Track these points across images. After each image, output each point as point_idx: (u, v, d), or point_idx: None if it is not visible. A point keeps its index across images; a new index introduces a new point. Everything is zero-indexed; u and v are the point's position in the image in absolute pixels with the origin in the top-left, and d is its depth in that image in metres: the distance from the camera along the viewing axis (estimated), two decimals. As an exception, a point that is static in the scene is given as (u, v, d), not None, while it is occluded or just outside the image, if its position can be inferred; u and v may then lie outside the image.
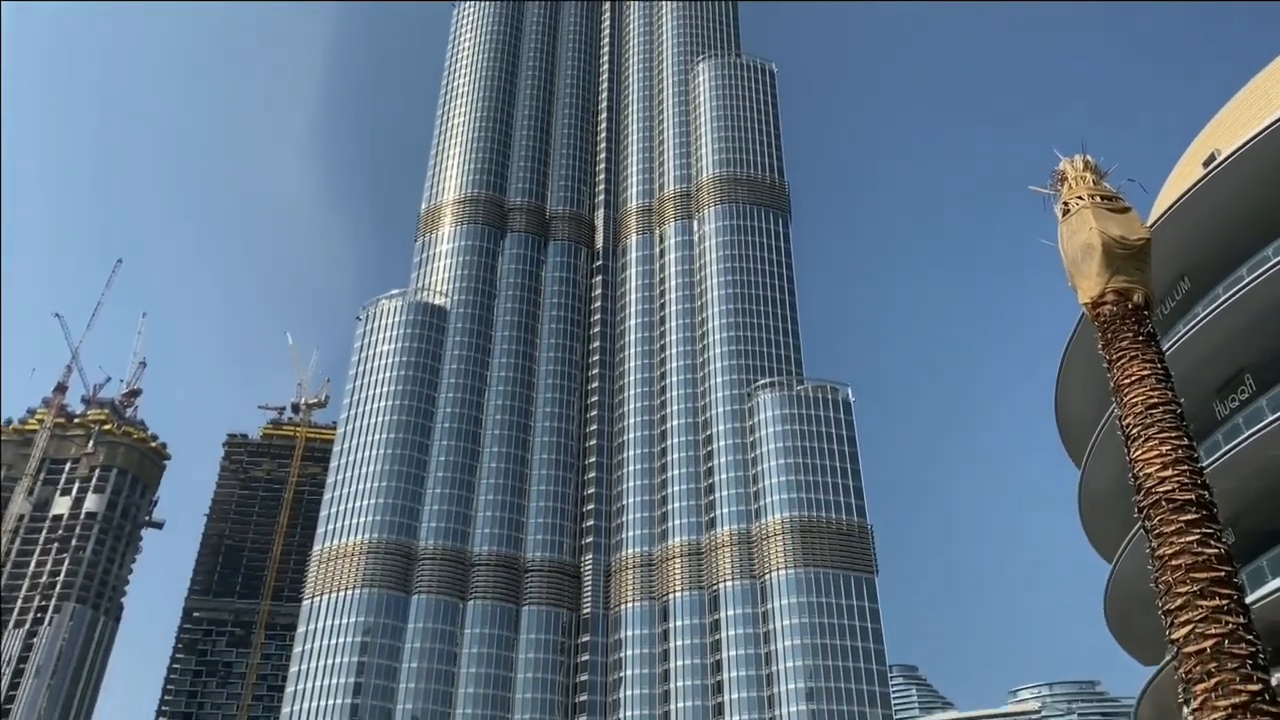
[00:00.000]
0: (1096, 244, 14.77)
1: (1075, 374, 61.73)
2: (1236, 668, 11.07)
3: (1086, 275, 14.99)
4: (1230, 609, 11.44)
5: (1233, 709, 10.86)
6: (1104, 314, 14.36)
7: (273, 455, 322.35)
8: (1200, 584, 11.66)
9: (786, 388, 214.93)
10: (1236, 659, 11.12)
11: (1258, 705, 10.84)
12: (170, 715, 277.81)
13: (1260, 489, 46.94)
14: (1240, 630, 11.30)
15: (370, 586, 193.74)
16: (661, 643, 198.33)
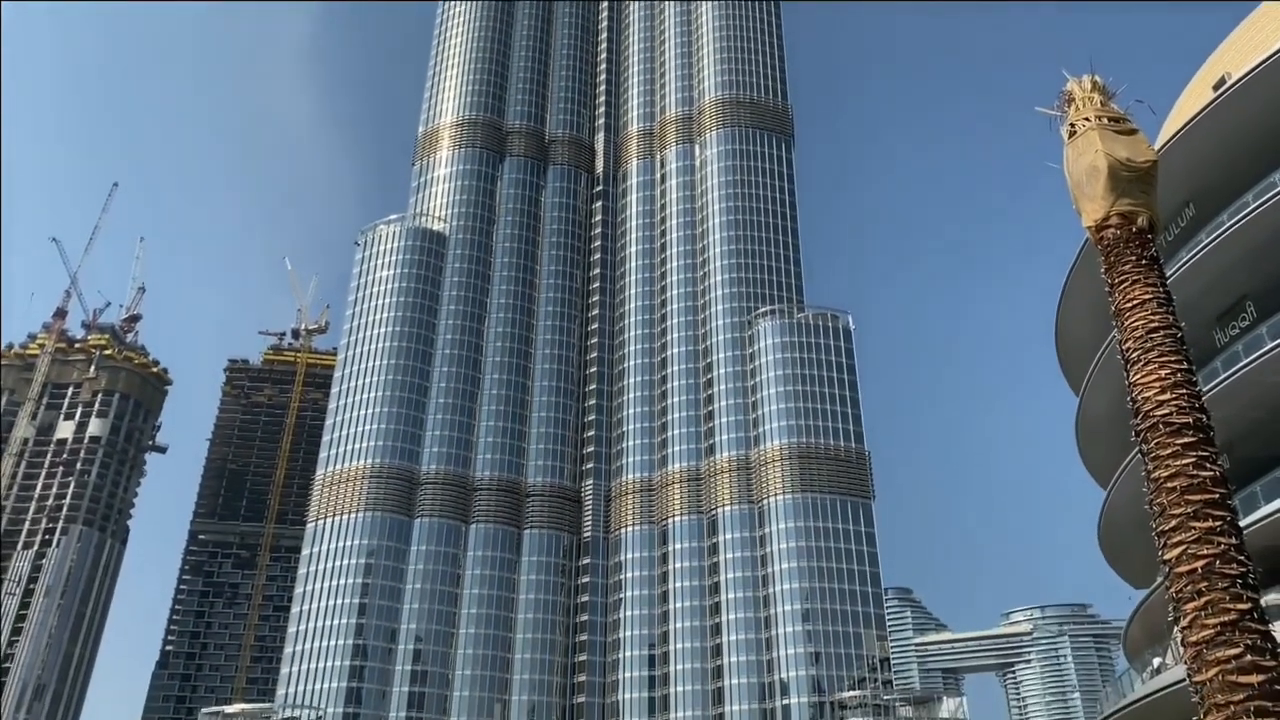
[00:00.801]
0: (1102, 166, 14.55)
1: (1076, 301, 61.56)
2: (1227, 587, 11.21)
3: (1091, 198, 14.79)
4: (1223, 530, 11.55)
5: (1221, 626, 11.03)
6: (1108, 238, 14.21)
7: (274, 381, 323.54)
8: (1194, 506, 11.75)
9: (787, 315, 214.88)
10: (1227, 579, 11.26)
11: (1246, 623, 11.00)
12: (179, 635, 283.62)
13: (1257, 416, 47.16)
14: (1232, 551, 11.42)
15: (373, 510, 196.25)
16: (660, 565, 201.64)
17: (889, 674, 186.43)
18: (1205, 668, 11.14)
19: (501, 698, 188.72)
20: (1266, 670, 10.83)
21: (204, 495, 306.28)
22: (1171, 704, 45.93)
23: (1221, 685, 10.91)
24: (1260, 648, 10.95)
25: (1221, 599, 11.19)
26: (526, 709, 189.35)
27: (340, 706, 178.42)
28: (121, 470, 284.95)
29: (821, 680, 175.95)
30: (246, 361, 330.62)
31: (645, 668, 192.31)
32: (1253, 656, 10.87)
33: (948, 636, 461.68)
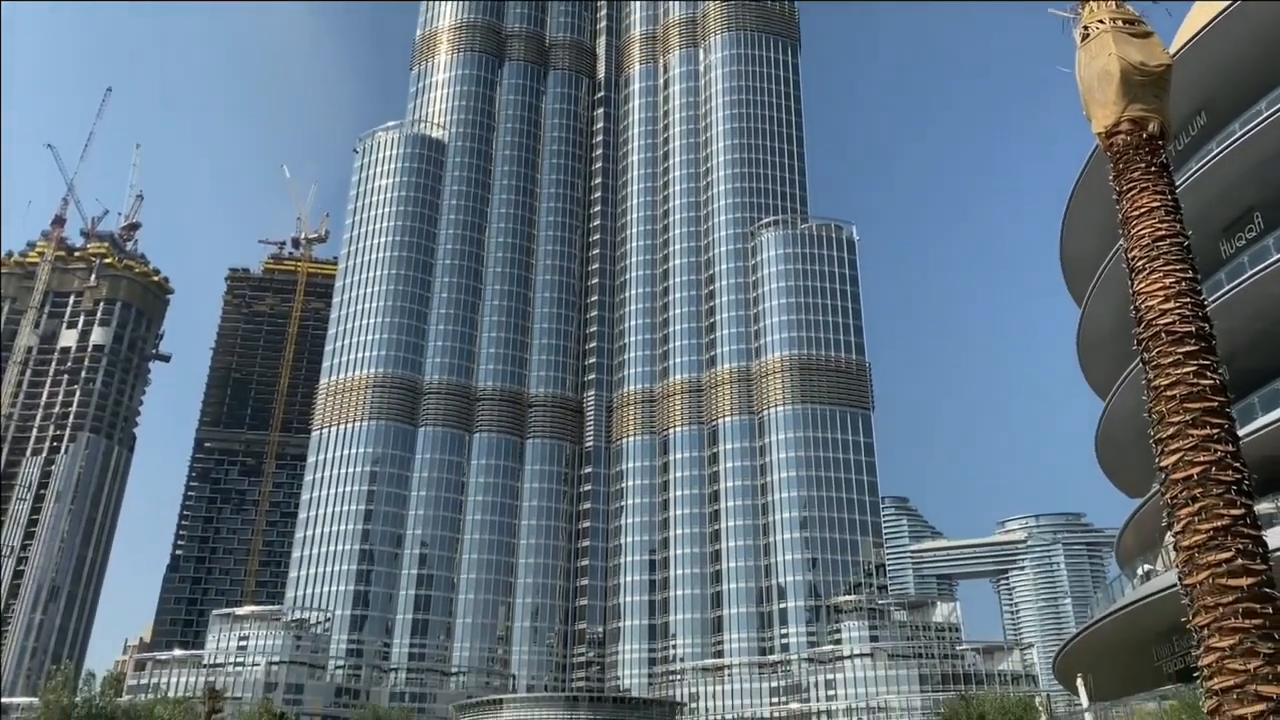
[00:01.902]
0: (1114, 70, 14.22)
1: (1082, 212, 61.00)
2: (1221, 493, 11.34)
3: (1102, 104, 14.49)
4: (1220, 438, 11.63)
5: (1214, 531, 11.19)
6: (1117, 144, 13.97)
7: (275, 290, 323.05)
8: (1193, 413, 11.81)
9: (790, 226, 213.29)
10: (1222, 485, 11.37)
11: (1238, 528, 11.16)
12: (188, 540, 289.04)
13: (1259, 329, 47.10)
14: (1228, 458, 11.51)
15: (377, 419, 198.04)
16: (661, 475, 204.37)
17: (884, 580, 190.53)
18: (1196, 571, 11.34)
19: (505, 600, 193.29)
20: (1256, 574, 11.03)
21: (209, 404, 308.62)
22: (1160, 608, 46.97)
23: (1212, 588, 11.12)
24: (1251, 552, 11.14)
25: (1215, 505, 11.32)
26: (530, 611, 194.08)
27: (348, 609, 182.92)
28: (126, 378, 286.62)
29: (818, 585, 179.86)
30: (247, 271, 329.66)
31: (646, 572, 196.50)
32: (1243, 560, 11.06)
33: (943, 544, 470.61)
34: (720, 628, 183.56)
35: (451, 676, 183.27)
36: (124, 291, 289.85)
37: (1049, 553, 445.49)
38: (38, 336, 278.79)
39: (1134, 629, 53.58)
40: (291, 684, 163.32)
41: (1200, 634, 11.21)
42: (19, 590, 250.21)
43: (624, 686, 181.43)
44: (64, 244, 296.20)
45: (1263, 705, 10.55)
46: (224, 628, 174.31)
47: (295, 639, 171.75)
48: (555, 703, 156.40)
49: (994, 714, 24.42)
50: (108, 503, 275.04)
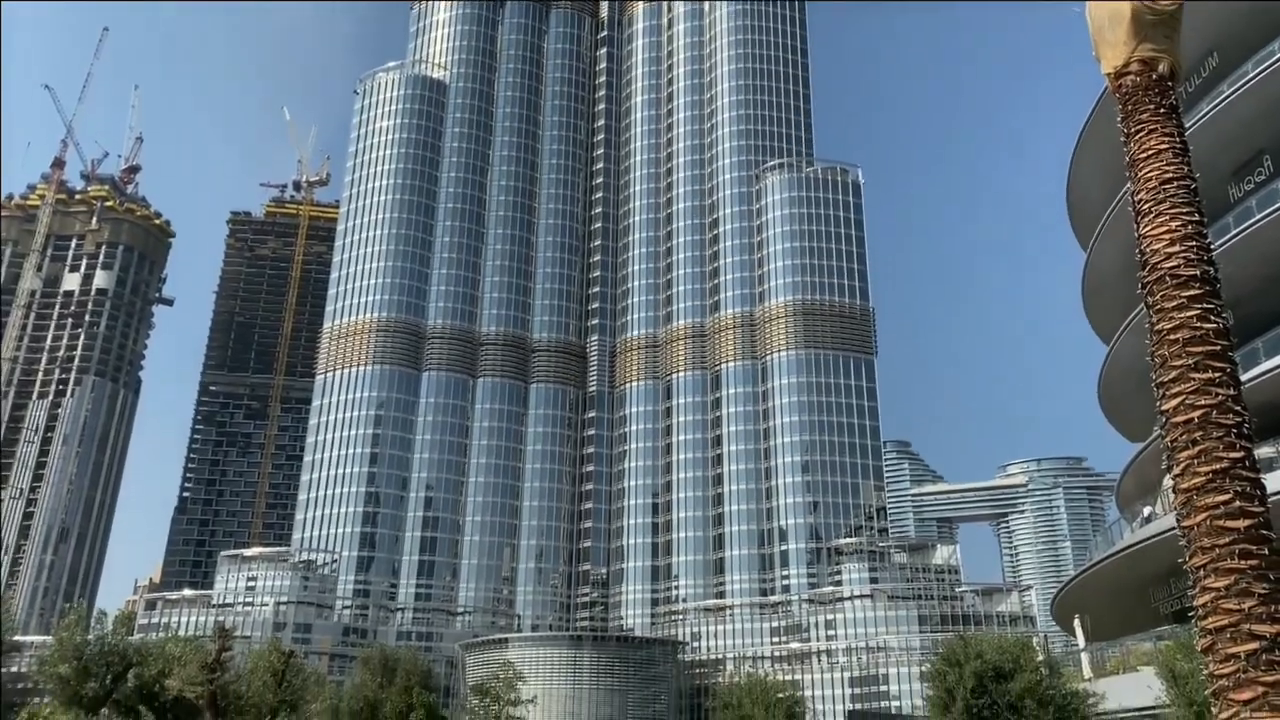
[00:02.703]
0: (1125, 9, 13.97)
1: (1090, 156, 60.44)
2: (1221, 436, 11.38)
3: (1112, 44, 14.26)
4: (1222, 382, 11.64)
5: (1213, 474, 11.25)
6: (1126, 85, 13.77)
7: (277, 233, 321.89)
8: (1195, 357, 11.81)
9: (795, 169, 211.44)
10: (1222, 428, 11.41)
11: (1237, 471, 11.22)
12: (195, 482, 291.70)
13: (1265, 273, 46.87)
14: (1229, 402, 11.54)
15: (381, 363, 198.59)
16: (664, 419, 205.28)
17: (885, 523, 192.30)
18: (1194, 513, 11.44)
19: (510, 542, 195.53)
20: (1253, 515, 11.12)
21: (213, 348, 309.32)
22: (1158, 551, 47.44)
23: (1209, 529, 11.21)
24: (1249, 494, 11.21)
25: (1215, 448, 11.37)
26: (534, 553, 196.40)
27: (355, 550, 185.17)
28: (129, 322, 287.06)
29: (819, 528, 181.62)
30: (249, 214, 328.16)
31: (648, 515, 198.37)
32: (1241, 502, 11.14)
33: (944, 488, 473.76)
34: (722, 569, 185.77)
35: (457, 616, 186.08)
36: (126, 235, 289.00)
37: (1049, 497, 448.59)
38: (41, 280, 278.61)
39: (1132, 571, 54.18)
40: (300, 623, 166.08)
41: (1196, 575, 11.33)
42: (29, 531, 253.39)
43: (627, 626, 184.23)
44: (64, 187, 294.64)
45: (1256, 644, 10.70)
46: (232, 568, 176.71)
47: (303, 580, 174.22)
48: (560, 641, 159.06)
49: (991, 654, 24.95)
50: (114, 446, 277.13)
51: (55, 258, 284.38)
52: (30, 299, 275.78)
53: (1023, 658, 27.20)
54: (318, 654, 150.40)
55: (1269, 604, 10.76)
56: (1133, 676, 40.83)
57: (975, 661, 26.87)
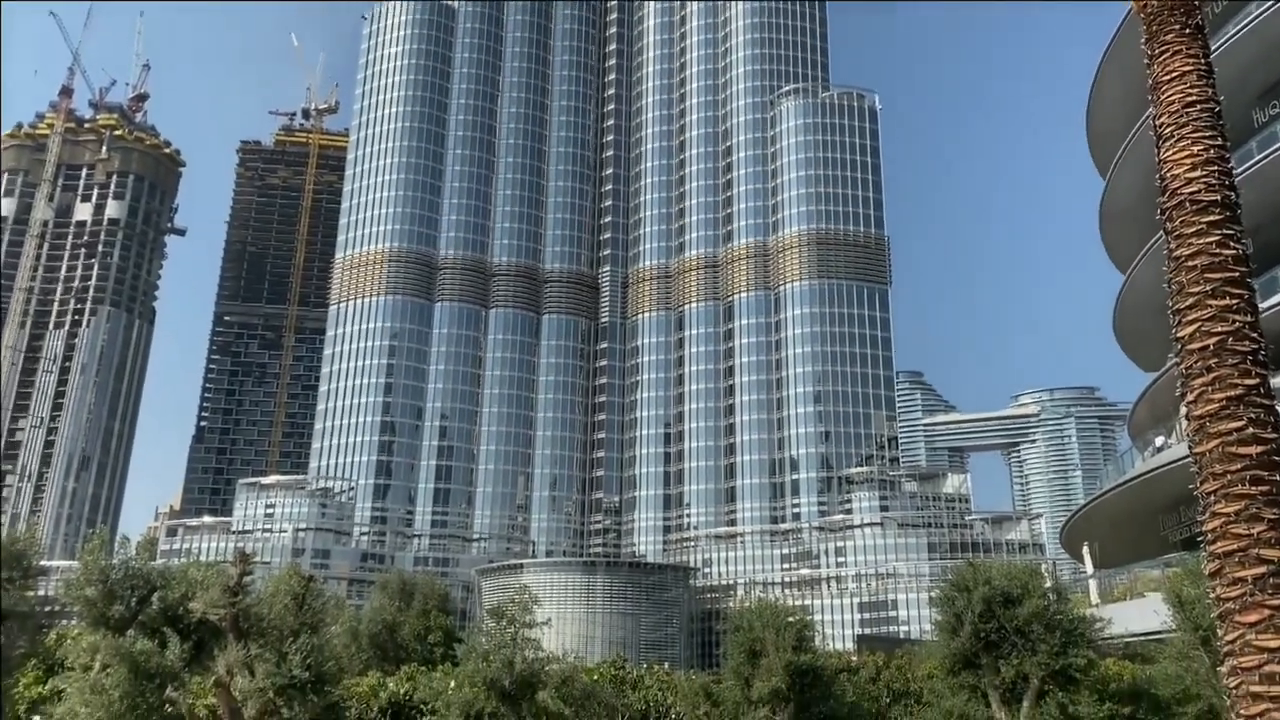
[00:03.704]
0: (1154, -74, 13.56)
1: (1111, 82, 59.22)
2: (1236, 363, 11.33)
3: (1138, -38, 13.87)
4: (1239, 308, 11.54)
5: (1227, 401, 11.23)
6: (1151, 4, 13.42)
7: (287, 162, 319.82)
8: (1213, 284, 11.70)
9: (811, 95, 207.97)
10: (1238, 355, 11.35)
11: (1251, 398, 11.19)
12: (212, 412, 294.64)
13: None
14: (1245, 328, 11.45)
15: (394, 293, 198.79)
16: (677, 350, 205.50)
17: (896, 452, 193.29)
18: (1207, 440, 11.44)
19: (524, 471, 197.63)
20: (1266, 442, 11.12)
21: (226, 278, 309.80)
22: (1169, 480, 47.64)
23: (1221, 456, 11.23)
24: (1263, 421, 11.19)
25: (1230, 374, 11.33)
26: (548, 481, 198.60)
27: (371, 478, 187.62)
28: (142, 252, 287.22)
29: (830, 457, 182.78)
30: (258, 143, 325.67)
31: (661, 445, 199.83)
32: (1254, 429, 11.13)
33: (955, 418, 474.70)
34: (733, 497, 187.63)
35: (473, 543, 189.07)
36: (136, 164, 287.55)
37: (1061, 427, 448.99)
38: (53, 210, 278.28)
39: (1142, 500, 54.50)
40: (318, 549, 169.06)
41: (1207, 501, 11.38)
42: (51, 459, 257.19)
43: (639, 553, 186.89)
44: (72, 115, 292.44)
45: (1264, 568, 10.80)
46: (251, 496, 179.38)
47: (321, 507, 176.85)
48: (573, 567, 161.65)
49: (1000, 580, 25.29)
50: (131, 375, 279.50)
51: (66, 187, 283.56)
52: (43, 229, 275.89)
53: (1031, 584, 27.50)
54: (336, 579, 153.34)
55: (1278, 529, 10.84)
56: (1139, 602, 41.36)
57: (984, 587, 27.18)
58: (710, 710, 26.99)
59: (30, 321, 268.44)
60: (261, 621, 23.95)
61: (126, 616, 24.52)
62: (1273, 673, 10.45)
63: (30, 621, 27.70)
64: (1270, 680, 10.45)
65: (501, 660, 23.41)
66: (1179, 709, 26.68)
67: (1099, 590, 51.98)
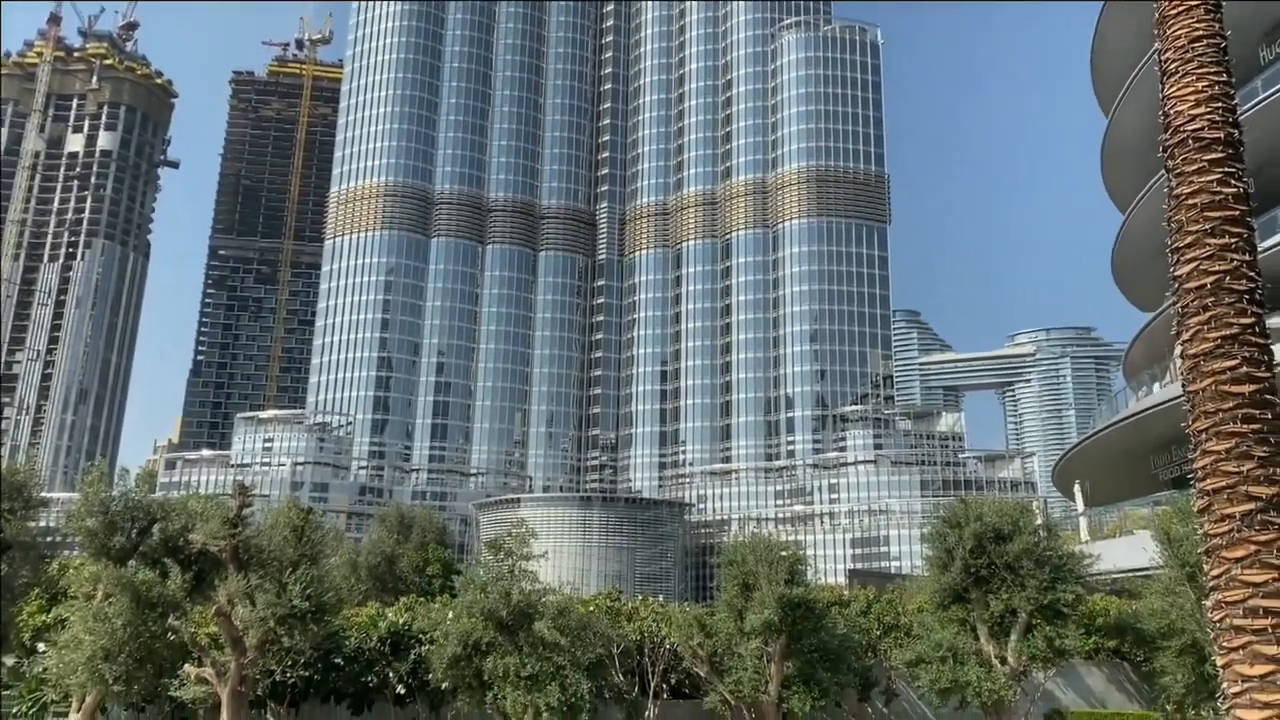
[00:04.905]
0: None
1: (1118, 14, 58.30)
2: (1233, 302, 11.34)
3: (1149, -109, 13.58)
4: (1238, 247, 11.53)
5: (1222, 340, 11.26)
6: (1161, -64, 13.17)
7: (281, 94, 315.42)
8: (1212, 222, 11.67)
9: (813, 28, 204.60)
10: (1234, 294, 11.36)
11: (1246, 336, 11.23)
12: (209, 346, 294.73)
13: (1291, 141, 45.77)
14: (1243, 268, 11.45)
15: (390, 228, 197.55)
16: (674, 288, 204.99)
17: (891, 391, 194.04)
18: (1201, 378, 11.50)
19: (521, 407, 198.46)
20: (1259, 381, 11.19)
21: (220, 211, 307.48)
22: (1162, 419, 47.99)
23: (1214, 394, 11.30)
24: (1257, 360, 11.24)
25: (1226, 313, 11.35)
26: (545, 417, 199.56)
27: (369, 413, 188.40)
28: (136, 185, 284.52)
29: (826, 396, 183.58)
30: (251, 74, 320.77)
31: (657, 382, 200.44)
32: (1248, 368, 11.19)
33: (951, 357, 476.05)
34: (729, 435, 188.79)
35: (471, 477, 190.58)
36: (127, 95, 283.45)
37: (1056, 366, 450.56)
38: (44, 141, 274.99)
39: (1134, 439, 54.95)
40: (317, 483, 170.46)
41: (1198, 438, 11.49)
42: (49, 392, 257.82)
43: (635, 489, 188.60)
44: (62, 44, 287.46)
45: (1252, 504, 10.95)
46: (249, 430, 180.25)
47: (319, 441, 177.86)
48: (570, 502, 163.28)
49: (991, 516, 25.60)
50: (127, 308, 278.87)
51: (57, 118, 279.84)
52: (34, 160, 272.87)
53: (1021, 520, 27.86)
54: (335, 512, 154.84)
55: (1267, 466, 10.96)
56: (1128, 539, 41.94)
57: (975, 523, 27.54)
58: (704, 641, 27.47)
59: (24, 254, 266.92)
60: (261, 553, 24.25)
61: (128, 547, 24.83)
62: (1257, 606, 10.66)
63: (33, 552, 28.03)
64: (1254, 614, 10.66)
65: (499, 592, 23.76)
66: (1163, 643, 27.20)
67: (1089, 527, 52.66)
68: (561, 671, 23.03)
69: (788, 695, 26.30)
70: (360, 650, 27.02)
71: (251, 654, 23.80)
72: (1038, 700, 29.83)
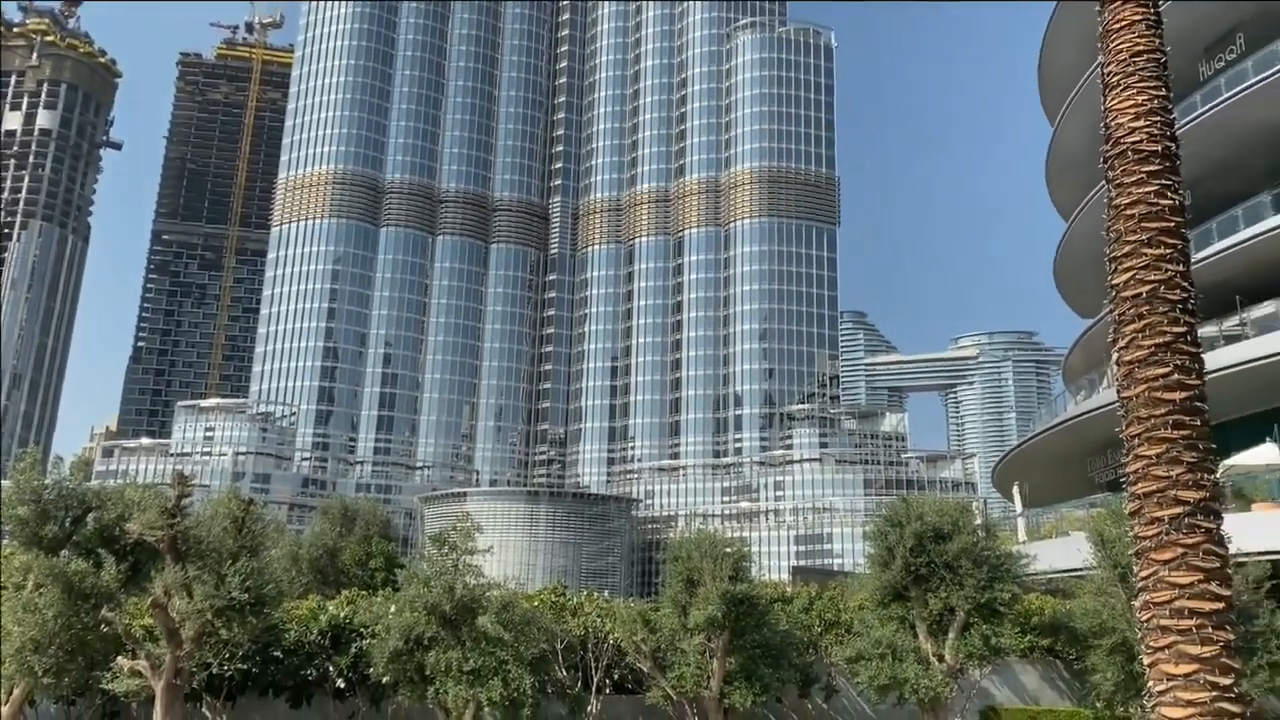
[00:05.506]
0: None
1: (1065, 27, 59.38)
2: (1167, 311, 11.66)
3: (1096, -93, 13.90)
4: (1173, 258, 11.86)
5: (1155, 348, 11.57)
6: (1107, -49, 13.48)
7: (229, 78, 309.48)
8: (1149, 233, 11.99)
9: (767, 30, 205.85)
10: (1169, 303, 11.68)
11: (1178, 345, 11.55)
12: (149, 332, 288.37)
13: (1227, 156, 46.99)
14: (1178, 278, 11.78)
15: (338, 217, 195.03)
16: (626, 284, 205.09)
17: (837, 391, 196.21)
18: (1134, 385, 11.81)
19: (470, 400, 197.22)
20: (1190, 389, 11.52)
21: (164, 195, 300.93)
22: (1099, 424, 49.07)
23: (1147, 400, 11.61)
24: (1188, 368, 11.57)
25: (1160, 322, 11.67)
26: (494, 411, 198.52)
27: (313, 404, 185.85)
28: (77, 165, 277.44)
29: (773, 394, 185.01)
30: (199, 56, 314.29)
31: (607, 378, 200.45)
32: (1180, 375, 11.52)
33: (896, 358, 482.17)
34: (678, 431, 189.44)
35: (416, 470, 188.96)
36: (69, 73, 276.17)
37: (998, 369, 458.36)
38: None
39: (1072, 442, 56.12)
40: (258, 474, 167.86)
41: (1131, 443, 11.81)
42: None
43: (583, 484, 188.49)
44: (0, 18, 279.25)
45: (1180, 508, 11.27)
46: (189, 419, 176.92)
47: (261, 431, 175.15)
48: (517, 496, 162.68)
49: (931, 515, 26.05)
50: (65, 292, 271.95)
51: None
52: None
53: (961, 520, 28.27)
54: (277, 504, 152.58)
55: (1195, 472, 11.30)
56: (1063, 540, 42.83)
57: (916, 523, 27.92)
58: (648, 637, 27.53)
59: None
60: (200, 544, 23.80)
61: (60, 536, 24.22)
62: (1183, 607, 10.98)
63: (-40, 540, 27.22)
64: (1180, 614, 10.98)
65: (442, 586, 23.59)
66: (1095, 641, 27.79)
67: (1027, 528, 53.67)
68: (504, 666, 22.94)
69: (729, 691, 26.47)
70: (300, 643, 26.66)
71: (188, 646, 23.37)
72: (973, 697, 30.35)
